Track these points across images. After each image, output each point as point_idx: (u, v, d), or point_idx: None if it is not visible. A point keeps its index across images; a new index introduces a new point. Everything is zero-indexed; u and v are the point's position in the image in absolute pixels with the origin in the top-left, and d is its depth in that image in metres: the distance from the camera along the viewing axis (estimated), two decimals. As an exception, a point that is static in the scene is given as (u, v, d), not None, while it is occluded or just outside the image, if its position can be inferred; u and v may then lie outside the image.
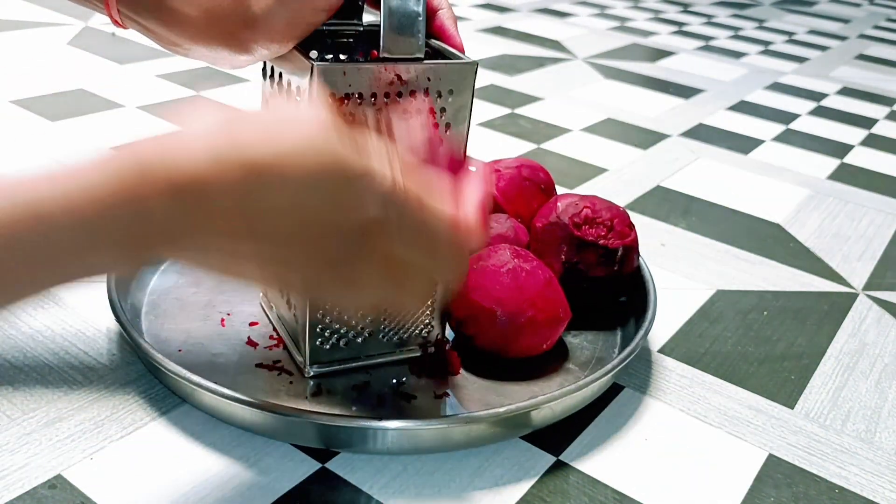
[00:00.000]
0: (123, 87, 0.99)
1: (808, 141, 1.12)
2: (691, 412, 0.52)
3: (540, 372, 0.52)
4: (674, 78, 1.37)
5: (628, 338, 0.55)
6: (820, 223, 0.84)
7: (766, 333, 0.62)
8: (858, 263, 0.76)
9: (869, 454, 0.50)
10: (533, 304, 0.50)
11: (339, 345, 0.49)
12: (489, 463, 0.45)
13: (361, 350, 0.50)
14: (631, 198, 0.85)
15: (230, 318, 0.54)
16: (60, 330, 0.53)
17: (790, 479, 0.47)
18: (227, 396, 0.44)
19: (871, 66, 1.64)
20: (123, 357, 0.51)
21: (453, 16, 0.46)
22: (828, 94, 1.37)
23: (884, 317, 0.67)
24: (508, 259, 0.51)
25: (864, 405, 0.55)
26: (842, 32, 1.97)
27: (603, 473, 0.46)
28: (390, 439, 0.44)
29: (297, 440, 0.45)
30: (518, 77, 1.26)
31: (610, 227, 0.56)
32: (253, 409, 0.44)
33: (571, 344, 0.56)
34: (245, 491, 0.42)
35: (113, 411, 0.46)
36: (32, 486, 0.40)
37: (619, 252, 0.56)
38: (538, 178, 0.64)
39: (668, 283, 0.68)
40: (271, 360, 0.50)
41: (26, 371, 0.48)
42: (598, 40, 1.58)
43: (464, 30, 1.62)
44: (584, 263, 0.56)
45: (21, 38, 1.15)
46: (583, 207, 0.56)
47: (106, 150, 0.32)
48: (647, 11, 1.95)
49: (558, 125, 1.06)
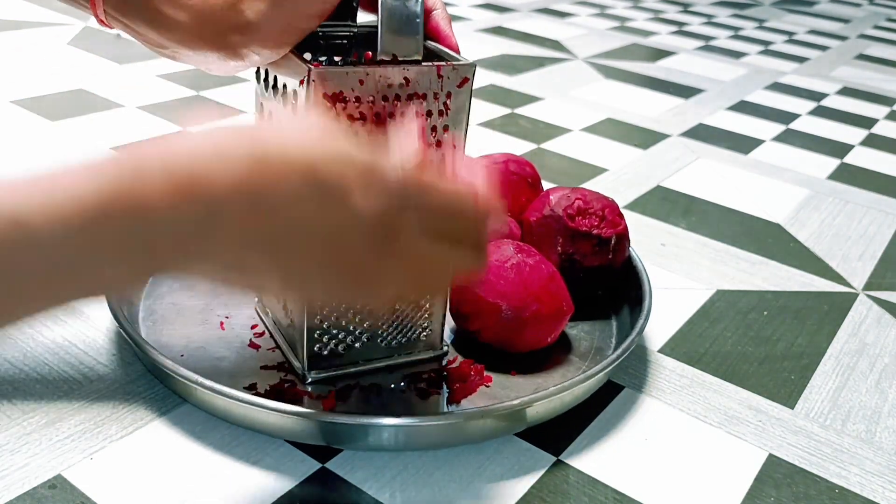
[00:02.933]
0: (123, 87, 0.99)
1: (808, 141, 1.12)
2: (691, 412, 0.52)
3: (543, 364, 0.52)
4: (674, 78, 1.37)
5: (624, 326, 0.56)
6: (820, 223, 0.84)
7: (766, 333, 0.62)
8: (858, 263, 0.76)
9: (869, 454, 0.50)
10: (537, 298, 0.50)
11: (337, 350, 0.49)
12: (489, 462, 0.45)
13: (360, 355, 0.50)
14: (631, 198, 0.85)
15: (229, 321, 0.54)
16: (60, 330, 0.53)
17: (790, 479, 0.47)
18: (241, 400, 0.44)
19: (871, 66, 1.64)
20: (123, 357, 0.51)
21: (447, 16, 0.46)
22: (828, 94, 1.37)
23: (884, 317, 0.67)
24: (512, 254, 0.52)
25: (864, 405, 0.55)
26: (842, 32, 1.97)
27: (603, 473, 0.46)
28: (392, 436, 0.44)
29: (300, 438, 0.45)
30: (518, 77, 1.26)
31: (602, 217, 0.57)
32: (263, 409, 0.43)
33: (570, 335, 0.56)
34: (245, 491, 0.42)
35: (113, 411, 0.46)
36: (32, 486, 0.40)
37: (612, 240, 0.56)
38: (525, 172, 0.64)
39: (668, 283, 0.68)
40: (276, 362, 0.50)
41: (26, 371, 0.48)
42: (598, 40, 1.58)
43: (464, 30, 1.62)
44: (580, 254, 0.56)
45: (21, 38, 1.15)
46: (575, 199, 0.57)
47: (102, 152, 0.30)
48: (647, 11, 1.95)
49: (558, 125, 1.06)
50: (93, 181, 0.28)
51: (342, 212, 0.32)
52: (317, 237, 0.33)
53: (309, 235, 0.32)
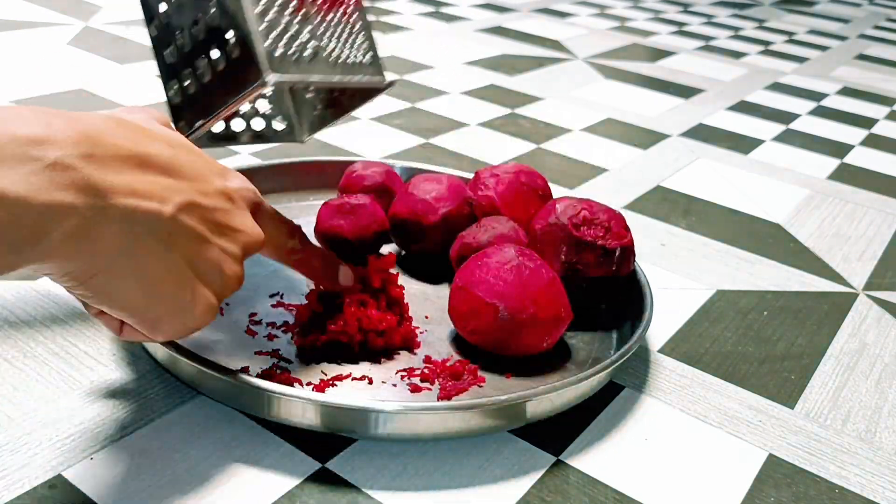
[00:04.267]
0: (123, 87, 0.99)
1: (808, 141, 1.12)
2: (691, 412, 0.52)
3: (537, 370, 0.52)
4: (674, 78, 1.37)
5: (625, 339, 0.55)
6: (820, 223, 0.84)
7: (766, 333, 0.62)
8: (858, 263, 0.76)
9: (869, 454, 0.50)
10: (535, 301, 0.50)
11: (287, 55, 0.50)
12: (489, 463, 0.45)
13: (312, 71, 0.52)
14: (631, 198, 0.85)
15: (229, 308, 0.55)
16: (60, 329, 0.53)
17: (790, 479, 0.47)
18: (235, 380, 0.44)
19: (871, 66, 1.64)
20: (124, 357, 0.51)
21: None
22: (828, 94, 1.37)
23: (884, 317, 0.67)
24: (513, 256, 0.52)
25: (864, 405, 0.55)
26: (842, 32, 1.97)
27: (603, 473, 0.46)
28: (386, 422, 0.44)
29: (288, 420, 0.45)
30: (518, 77, 1.26)
31: (608, 229, 0.57)
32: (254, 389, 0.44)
33: (569, 344, 0.56)
34: (245, 491, 0.42)
35: (113, 411, 0.46)
36: (32, 486, 0.40)
37: (616, 252, 0.56)
38: (536, 183, 0.64)
39: (668, 283, 0.68)
40: (270, 349, 0.51)
41: (26, 371, 0.48)
42: (598, 40, 1.58)
43: (464, 30, 1.62)
44: (583, 264, 0.56)
45: (21, 38, 1.15)
46: (581, 209, 0.57)
47: None
48: (647, 11, 1.95)
49: (558, 125, 1.06)
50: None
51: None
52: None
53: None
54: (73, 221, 0.32)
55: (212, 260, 0.40)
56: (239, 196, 0.42)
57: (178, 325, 0.40)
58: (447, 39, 1.46)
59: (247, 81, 0.49)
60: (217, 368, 0.45)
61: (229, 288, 0.41)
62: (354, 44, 0.56)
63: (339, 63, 0.54)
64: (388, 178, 0.66)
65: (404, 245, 0.63)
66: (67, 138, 0.33)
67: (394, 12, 1.61)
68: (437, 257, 0.62)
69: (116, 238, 0.35)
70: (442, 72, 1.24)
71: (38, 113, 0.33)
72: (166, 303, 0.38)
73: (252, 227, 0.42)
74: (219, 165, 0.42)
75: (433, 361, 0.51)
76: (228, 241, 0.41)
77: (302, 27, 0.52)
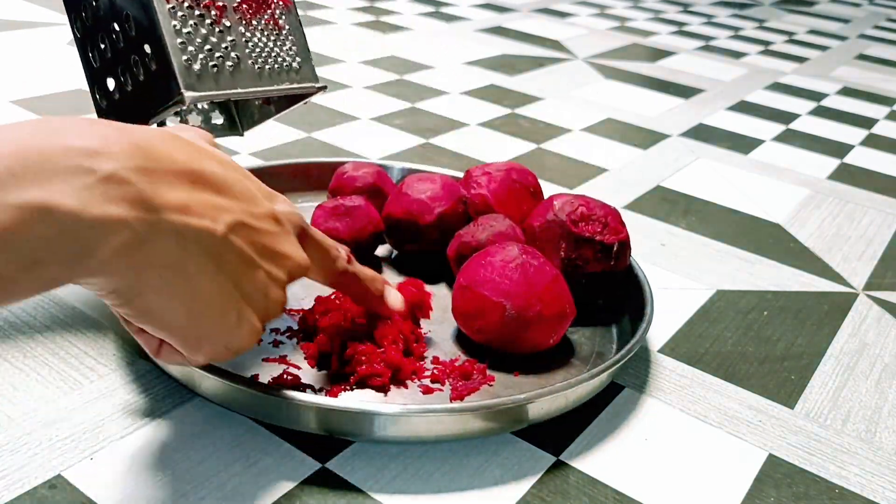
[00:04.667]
0: (123, 87, 0.99)
1: (808, 141, 1.12)
2: (691, 412, 0.52)
3: (545, 367, 0.52)
4: (674, 78, 1.37)
5: (624, 332, 0.56)
6: (820, 223, 0.84)
7: (766, 333, 0.62)
8: (858, 263, 0.76)
9: (869, 454, 0.50)
10: (541, 298, 0.50)
11: (207, 68, 0.49)
12: (489, 463, 0.45)
13: (235, 83, 0.50)
14: (631, 198, 0.85)
15: None
16: (60, 329, 0.53)
17: (790, 479, 0.47)
18: (237, 382, 0.44)
19: (871, 66, 1.64)
20: (123, 357, 0.51)
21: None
22: (828, 94, 1.37)
23: (884, 317, 0.67)
24: (517, 255, 0.52)
25: (864, 405, 0.55)
26: (842, 32, 1.97)
27: (603, 473, 0.46)
28: (388, 425, 0.44)
29: (297, 426, 0.45)
30: (518, 77, 1.26)
31: (605, 224, 0.57)
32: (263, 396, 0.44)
33: (571, 339, 0.56)
34: (245, 491, 0.42)
35: (113, 411, 0.46)
36: (32, 486, 0.40)
37: (614, 247, 0.56)
38: (527, 181, 0.65)
39: (668, 283, 0.68)
40: (279, 356, 0.51)
41: (26, 371, 0.48)
42: (598, 40, 1.58)
43: (464, 30, 1.62)
44: (582, 259, 0.56)
45: (21, 38, 1.15)
46: (578, 205, 0.58)
47: None
48: (647, 11, 1.95)
49: (558, 125, 1.06)
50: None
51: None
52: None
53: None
54: (124, 236, 0.32)
55: (258, 283, 0.39)
56: (287, 220, 0.41)
57: (220, 348, 0.39)
58: (447, 39, 1.46)
59: (167, 95, 0.48)
60: (236, 379, 0.44)
61: (273, 312, 0.40)
62: (283, 48, 0.54)
63: (265, 72, 0.52)
64: (379, 179, 0.66)
65: (398, 245, 0.63)
66: (122, 151, 0.32)
67: (394, 12, 1.61)
68: (431, 256, 0.62)
69: (167, 254, 0.34)
70: (442, 72, 1.24)
71: (94, 124, 0.32)
72: (212, 323, 0.37)
73: (298, 253, 0.41)
74: (267, 188, 0.41)
75: (442, 362, 0.51)
76: (275, 266, 0.40)
77: (222, 38, 0.50)
